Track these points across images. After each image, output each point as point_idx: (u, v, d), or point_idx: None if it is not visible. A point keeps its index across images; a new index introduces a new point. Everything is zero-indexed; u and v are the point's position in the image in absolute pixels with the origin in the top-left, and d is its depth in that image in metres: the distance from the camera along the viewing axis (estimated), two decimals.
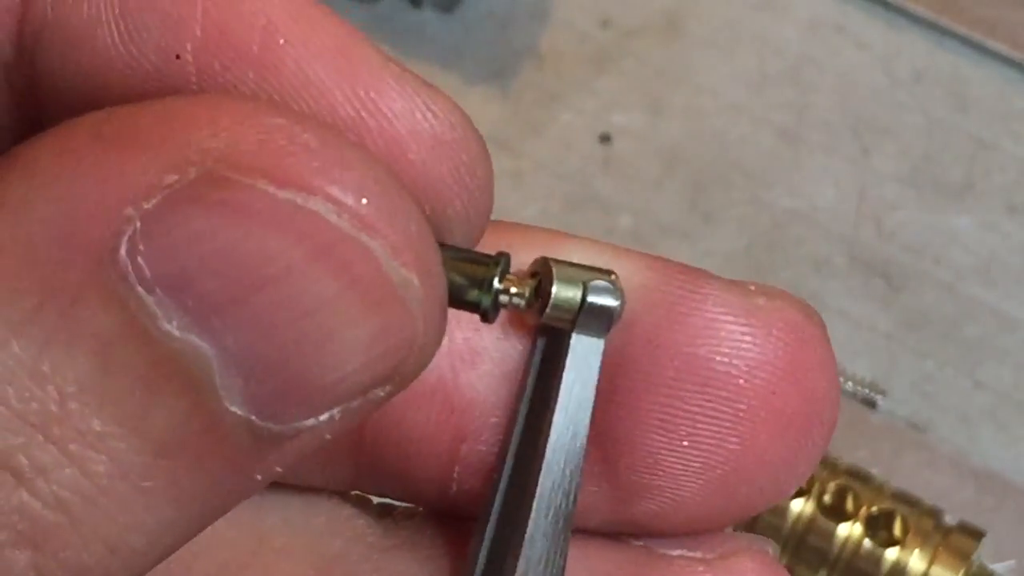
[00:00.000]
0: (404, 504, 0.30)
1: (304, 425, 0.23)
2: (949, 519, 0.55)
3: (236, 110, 0.22)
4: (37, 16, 0.25)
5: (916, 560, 0.54)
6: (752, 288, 0.29)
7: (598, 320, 0.27)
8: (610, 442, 0.28)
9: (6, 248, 0.21)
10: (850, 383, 0.64)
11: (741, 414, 0.27)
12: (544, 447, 0.27)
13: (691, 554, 0.29)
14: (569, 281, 0.27)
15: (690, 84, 0.72)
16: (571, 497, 0.27)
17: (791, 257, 0.68)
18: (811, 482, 0.55)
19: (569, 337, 0.27)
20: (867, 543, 0.54)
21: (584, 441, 0.27)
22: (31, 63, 0.26)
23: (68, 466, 0.21)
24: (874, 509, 0.55)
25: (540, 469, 0.27)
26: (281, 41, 0.24)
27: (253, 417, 0.22)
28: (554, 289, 0.27)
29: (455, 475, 0.29)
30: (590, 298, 0.27)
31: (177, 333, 0.22)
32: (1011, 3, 0.72)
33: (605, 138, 0.71)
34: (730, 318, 0.28)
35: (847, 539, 0.54)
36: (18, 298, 0.21)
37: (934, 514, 0.55)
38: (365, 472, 0.29)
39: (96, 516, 0.22)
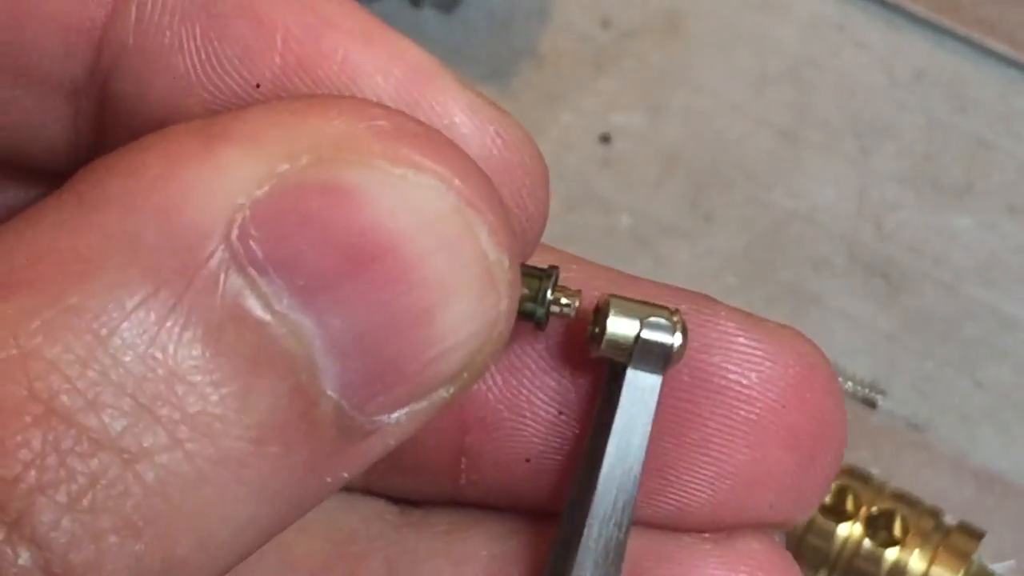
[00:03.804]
0: None
1: (380, 421, 0.23)
2: (949, 519, 0.55)
3: (341, 104, 0.24)
4: (117, 42, 0.26)
5: (916, 560, 0.54)
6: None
7: (654, 356, 0.27)
8: None
9: (116, 239, 0.22)
10: (850, 383, 0.64)
11: (752, 424, 0.28)
12: (597, 479, 0.28)
13: (699, 535, 0.29)
14: (626, 316, 0.27)
15: (690, 84, 0.72)
16: (623, 528, 0.28)
17: (791, 257, 0.68)
18: None
19: (625, 372, 0.28)
20: (867, 543, 0.54)
21: (638, 475, 0.28)
22: (103, 87, 0.26)
23: (174, 450, 0.22)
24: (874, 509, 0.55)
25: (592, 500, 0.28)
26: (358, 72, 0.25)
27: (344, 403, 0.23)
28: (609, 323, 0.27)
29: (463, 466, 0.29)
30: (644, 334, 0.27)
31: (287, 313, 0.22)
32: (1011, 3, 0.72)
33: (605, 138, 0.71)
34: (741, 333, 0.28)
35: (847, 539, 0.54)
36: (131, 286, 0.22)
37: (934, 514, 0.55)
38: (378, 471, 0.30)
39: (194, 505, 0.22)
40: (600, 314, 0.28)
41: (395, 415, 0.24)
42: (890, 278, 0.67)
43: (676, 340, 0.27)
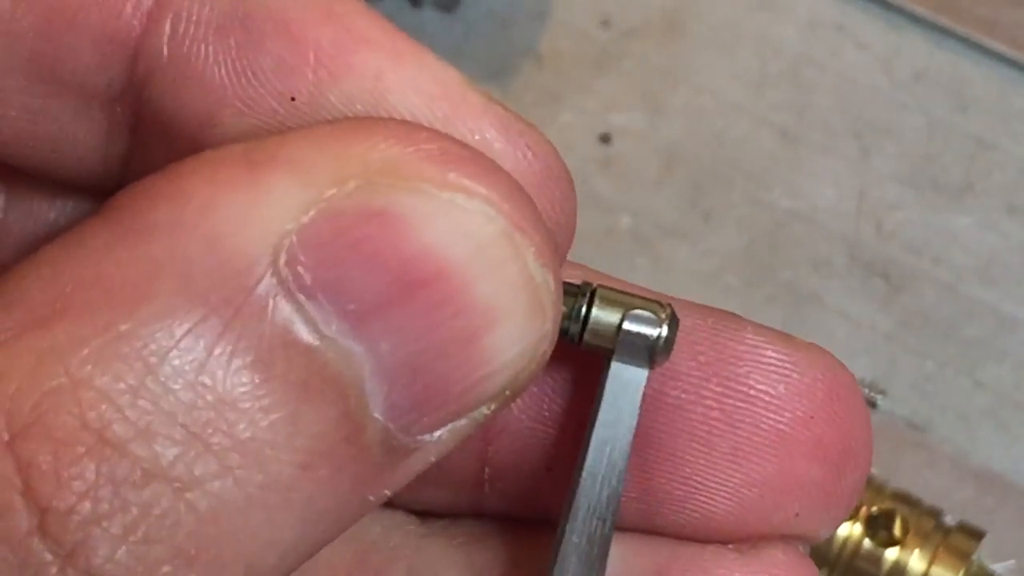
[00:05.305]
0: None
1: (423, 440, 0.24)
2: (949, 519, 0.55)
3: (387, 128, 0.24)
4: (151, 54, 0.26)
5: (916, 560, 0.54)
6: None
7: (638, 349, 0.27)
8: (650, 449, 0.28)
9: (164, 266, 0.22)
10: None
11: (780, 434, 0.28)
12: (580, 473, 0.27)
13: (724, 546, 0.29)
14: (611, 306, 0.27)
15: (690, 84, 0.72)
16: (607, 522, 0.27)
17: (791, 257, 0.68)
18: None
19: (608, 364, 0.27)
20: (867, 543, 0.54)
21: (623, 469, 0.27)
22: (138, 98, 0.26)
23: (224, 477, 0.22)
24: (874, 509, 0.55)
25: (575, 494, 0.27)
26: (391, 87, 0.25)
27: (390, 425, 0.23)
28: (593, 313, 0.27)
29: (486, 475, 0.29)
30: (626, 325, 0.27)
31: (336, 338, 0.22)
32: (1011, 3, 0.72)
33: (605, 138, 0.71)
34: (770, 347, 0.28)
35: (847, 539, 0.54)
36: (180, 313, 0.22)
37: (934, 514, 0.55)
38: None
39: (243, 530, 0.22)
40: (586, 304, 0.27)
41: (437, 433, 0.24)
42: (890, 278, 0.67)
43: (660, 332, 0.27)
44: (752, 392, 0.28)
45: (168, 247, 0.22)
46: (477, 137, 0.25)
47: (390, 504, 0.30)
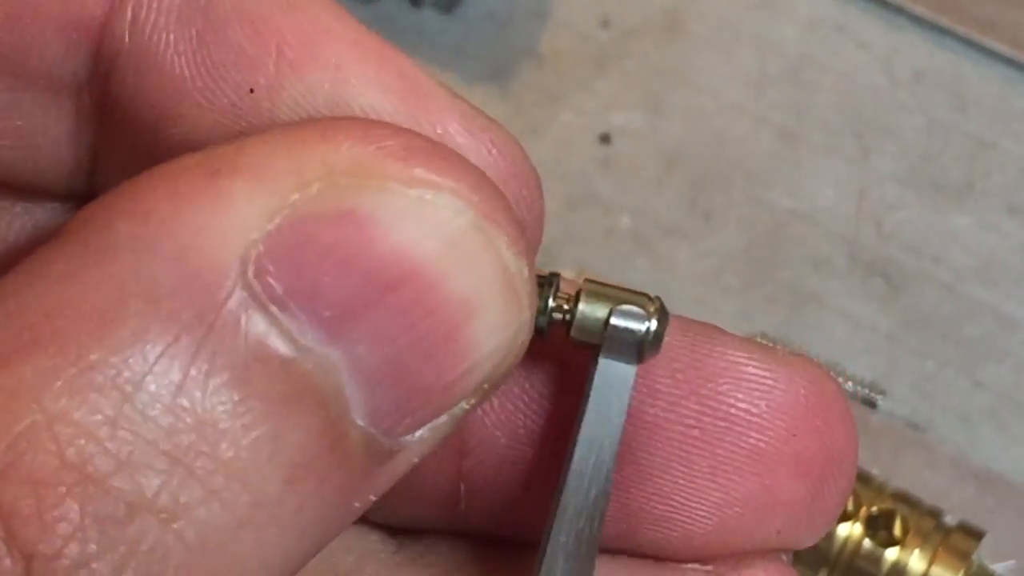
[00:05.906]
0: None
1: (405, 441, 0.23)
2: (949, 519, 0.55)
3: (347, 127, 0.23)
4: (114, 42, 0.25)
5: (916, 560, 0.54)
6: (768, 344, 0.29)
7: (626, 345, 0.26)
8: (628, 468, 0.28)
9: (131, 288, 0.21)
10: (850, 383, 0.64)
11: (761, 452, 0.27)
12: (567, 472, 0.27)
13: (704, 567, 0.29)
14: (598, 301, 0.26)
15: (690, 84, 0.72)
16: (595, 522, 0.27)
17: (791, 257, 0.68)
18: None
19: (596, 360, 0.27)
20: (867, 543, 0.54)
21: (610, 467, 0.27)
22: (104, 86, 0.26)
23: (210, 501, 0.21)
24: (874, 509, 0.55)
25: (562, 493, 0.27)
26: (352, 80, 0.24)
27: (372, 430, 0.22)
28: (580, 307, 0.26)
29: (462, 492, 0.29)
30: (614, 320, 0.26)
31: (312, 347, 0.22)
32: (1011, 3, 0.72)
33: (605, 138, 0.71)
34: (751, 362, 0.28)
35: (847, 539, 0.54)
36: (151, 336, 0.21)
37: (934, 514, 0.55)
38: (379, 499, 0.29)
39: (234, 554, 0.21)
40: (574, 299, 0.27)
41: (419, 433, 0.23)
42: (890, 278, 0.67)
43: (649, 326, 0.26)
44: (733, 411, 0.28)
45: (132, 267, 0.21)
46: (440, 131, 0.25)
47: (367, 524, 0.30)
